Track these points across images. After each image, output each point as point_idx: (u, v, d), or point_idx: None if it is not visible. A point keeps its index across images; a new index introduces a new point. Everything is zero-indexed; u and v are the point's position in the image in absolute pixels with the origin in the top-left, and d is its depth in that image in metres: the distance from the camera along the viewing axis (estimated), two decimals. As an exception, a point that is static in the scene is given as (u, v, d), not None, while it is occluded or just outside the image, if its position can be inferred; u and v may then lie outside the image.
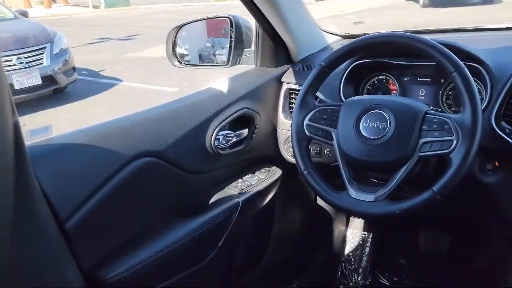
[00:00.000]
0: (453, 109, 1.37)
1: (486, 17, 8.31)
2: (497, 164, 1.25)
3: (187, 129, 1.29)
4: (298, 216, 1.97)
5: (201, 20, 1.69)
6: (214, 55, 1.68)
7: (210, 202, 1.41)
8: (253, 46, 1.64)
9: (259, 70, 1.64)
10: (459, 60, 1.08)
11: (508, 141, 1.16)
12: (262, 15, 1.48)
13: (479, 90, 1.26)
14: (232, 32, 1.56)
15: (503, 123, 1.18)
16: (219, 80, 1.52)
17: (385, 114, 1.14)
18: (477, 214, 1.46)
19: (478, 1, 10.27)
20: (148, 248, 1.16)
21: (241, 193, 1.44)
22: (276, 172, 1.61)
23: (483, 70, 1.26)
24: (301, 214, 1.99)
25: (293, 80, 1.57)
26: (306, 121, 1.23)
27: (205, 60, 1.71)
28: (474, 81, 1.08)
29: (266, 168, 1.61)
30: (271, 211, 1.75)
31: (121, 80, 7.44)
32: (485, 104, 1.22)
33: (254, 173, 1.57)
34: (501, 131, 1.17)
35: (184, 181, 1.32)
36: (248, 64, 1.65)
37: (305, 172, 1.21)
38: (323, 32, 1.77)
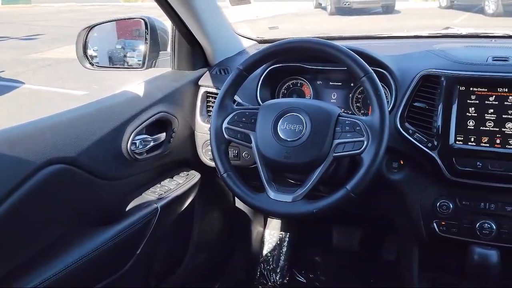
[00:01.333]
0: (362, 111, 1.46)
1: (389, 25, 8.93)
2: (402, 163, 1.34)
3: (102, 134, 1.24)
4: (217, 219, 1.98)
5: (113, 20, 1.63)
6: (126, 57, 1.63)
7: (128, 209, 1.36)
8: (169, 49, 1.62)
9: (175, 73, 1.62)
10: (368, 66, 1.15)
11: (411, 141, 1.25)
12: (178, 18, 1.46)
13: (385, 94, 1.35)
14: (147, 34, 1.52)
15: (406, 124, 1.27)
16: (134, 83, 1.48)
17: (301, 116, 1.17)
18: (385, 210, 1.56)
19: (380, 10, 10.98)
20: (62, 259, 1.09)
21: (159, 199, 1.41)
22: (194, 176, 1.60)
23: (388, 75, 1.35)
24: (220, 217, 1.99)
25: (211, 84, 1.57)
26: (224, 124, 1.24)
27: (116, 62, 1.66)
28: (381, 85, 1.15)
29: (185, 172, 1.59)
30: (190, 216, 1.73)
31: (23, 83, 6.93)
32: (390, 106, 1.31)
33: (172, 178, 1.55)
34: (405, 131, 1.26)
35: (99, 188, 1.26)
36: (164, 67, 1.62)
37: (224, 175, 1.22)
38: (239, 36, 1.79)
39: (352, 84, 1.47)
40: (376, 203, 1.56)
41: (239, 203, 2.03)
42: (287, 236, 2.22)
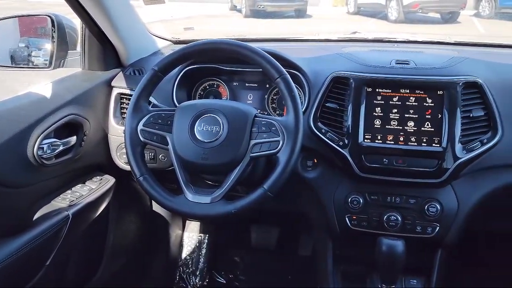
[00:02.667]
0: (277, 112, 1.49)
1: (302, 29, 9.22)
2: (315, 161, 1.39)
3: (5, 138, 1.15)
4: (133, 224, 1.92)
5: (14, 17, 1.53)
6: (30, 56, 1.53)
7: (35, 217, 1.28)
8: (78, 48, 1.54)
9: (86, 73, 1.55)
10: (282, 68, 1.18)
11: (324, 140, 1.30)
12: (88, 16, 1.40)
13: (299, 95, 1.40)
14: (54, 32, 1.44)
15: (319, 123, 1.33)
16: (39, 84, 1.39)
17: (218, 118, 1.18)
18: (301, 207, 1.61)
19: (293, 14, 11.31)
20: None
21: (70, 206, 1.34)
22: (109, 181, 1.54)
23: (301, 77, 1.39)
24: (137, 221, 1.94)
25: (124, 85, 1.52)
26: (140, 127, 1.21)
27: (19, 61, 1.55)
28: (295, 86, 1.19)
29: (98, 177, 1.53)
30: (105, 222, 1.67)
31: None
32: (304, 107, 1.35)
33: (84, 183, 1.48)
34: (318, 131, 1.31)
35: (4, 196, 1.17)
36: (74, 67, 1.54)
37: (140, 179, 1.18)
38: (154, 36, 1.75)
39: (267, 86, 1.50)
40: (292, 201, 1.60)
41: (156, 207, 1.99)
42: (206, 237, 2.22)
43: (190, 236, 2.23)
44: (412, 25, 9.26)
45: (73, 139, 1.37)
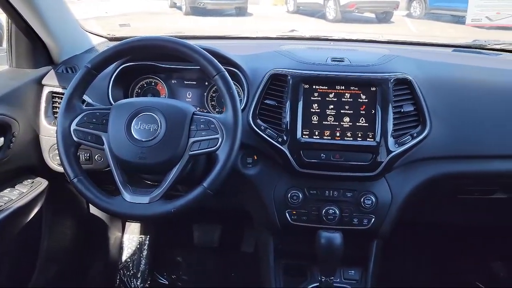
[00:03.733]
0: (217, 109, 1.49)
1: (242, 27, 9.23)
2: (255, 158, 1.40)
3: None
4: (69, 228, 1.84)
5: None
6: None
7: None
8: (4, 45, 1.46)
9: (14, 71, 1.47)
10: (220, 65, 1.17)
11: (263, 137, 1.31)
12: (14, 10, 1.32)
13: (238, 93, 1.40)
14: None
15: (258, 120, 1.34)
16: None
17: (155, 116, 1.16)
18: (242, 203, 1.61)
19: (234, 12, 11.32)
20: None
21: None
22: (41, 184, 1.47)
23: (240, 74, 1.40)
24: (73, 225, 1.86)
25: (56, 83, 1.46)
26: (73, 126, 1.16)
27: None
28: (233, 84, 1.19)
29: (29, 180, 1.46)
30: (38, 227, 1.59)
31: None
32: (243, 104, 1.36)
33: (14, 187, 1.40)
34: (257, 128, 1.32)
35: None
36: (0, 64, 1.46)
37: (75, 180, 1.14)
38: (88, 33, 1.69)
39: (206, 83, 1.49)
40: (233, 198, 1.60)
41: (94, 209, 1.93)
42: (147, 239, 2.17)
43: (130, 238, 2.18)
44: (349, 24, 9.53)
45: (0, 141, 1.29)
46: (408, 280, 1.92)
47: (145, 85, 1.52)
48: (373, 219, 1.35)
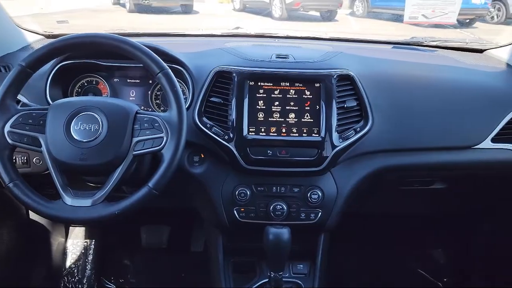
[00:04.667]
0: (162, 108, 1.46)
1: (188, 25, 9.14)
2: (202, 156, 1.39)
3: None
4: (7, 236, 1.75)
5: None
6: None
7: None
8: None
9: None
10: (163, 62, 1.15)
11: (210, 134, 1.30)
12: None
13: (183, 90, 1.38)
14: None
15: (204, 118, 1.32)
16: None
17: (96, 115, 1.12)
18: (190, 202, 1.60)
19: (179, 10, 11.18)
20: None
21: None
22: None
23: (184, 71, 1.38)
24: (12, 233, 1.77)
25: None
26: (7, 128, 1.10)
27: None
28: (178, 81, 1.17)
29: None
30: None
31: None
32: (188, 102, 1.34)
33: None
34: (203, 126, 1.31)
35: None
36: None
37: (10, 185, 1.08)
38: (23, 30, 1.61)
39: (150, 81, 1.46)
40: (181, 197, 1.58)
41: (34, 215, 1.84)
42: (92, 243, 2.10)
43: (75, 243, 2.10)
44: (295, 22, 9.67)
45: None
46: (355, 270, 1.97)
47: (85, 84, 1.47)
48: (320, 213, 1.38)
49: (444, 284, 2.04)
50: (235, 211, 1.37)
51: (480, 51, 1.79)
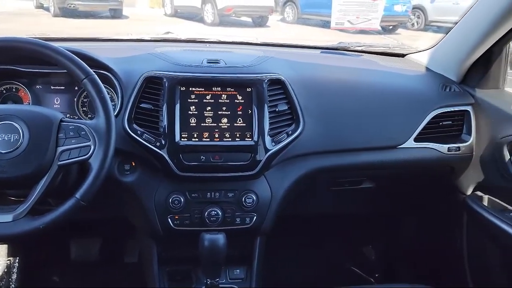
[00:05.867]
0: (89, 116, 1.40)
1: (118, 29, 8.90)
2: (133, 164, 1.35)
3: None
4: None
5: None
6: None
7: None
8: None
9: None
10: (89, 68, 1.11)
11: (141, 142, 1.27)
12: None
13: (111, 97, 1.34)
14: None
15: (135, 125, 1.29)
16: None
17: (16, 125, 1.06)
18: (122, 212, 1.54)
19: (108, 14, 10.87)
20: None
21: None
22: None
23: (112, 77, 1.34)
24: None
25: None
26: None
27: None
28: (106, 87, 1.13)
29: None
30: None
31: None
32: (118, 109, 1.30)
33: None
34: (133, 133, 1.27)
35: None
36: None
37: None
38: None
39: (76, 88, 1.40)
40: (112, 207, 1.53)
41: None
42: (16, 260, 1.97)
43: None
44: (227, 28, 9.73)
45: None
46: (292, 272, 2.00)
47: (4, 91, 1.38)
48: (255, 217, 1.38)
49: (376, 279, 2.12)
50: (169, 219, 1.35)
51: (402, 55, 1.88)
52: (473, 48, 1.48)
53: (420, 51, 1.80)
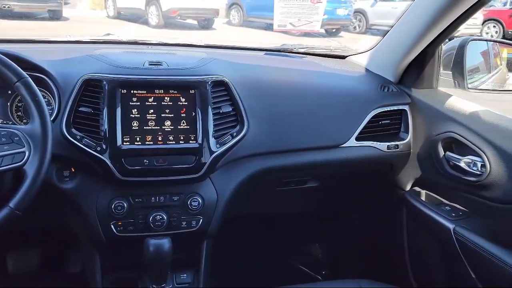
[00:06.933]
0: (25, 121, 1.34)
1: (56, 32, 8.59)
2: (73, 170, 1.30)
3: None
4: None
5: None
6: None
7: None
8: None
9: None
10: (22, 71, 1.06)
11: (80, 147, 1.23)
12: None
13: (48, 101, 1.29)
14: None
15: (73, 130, 1.24)
16: None
17: None
18: (62, 220, 1.49)
19: (47, 16, 10.47)
20: None
21: None
22: None
23: (49, 81, 1.28)
24: None
25: None
26: None
27: None
28: (41, 91, 1.09)
29: None
30: None
31: None
32: (55, 113, 1.25)
33: None
34: (72, 138, 1.23)
35: None
36: None
37: None
38: None
39: (9, 92, 1.33)
40: (51, 216, 1.47)
41: None
42: None
43: None
44: (172, 30, 9.63)
45: None
46: (240, 273, 2.00)
47: None
48: (201, 220, 1.37)
49: (323, 276, 2.16)
50: (112, 226, 1.31)
51: (343, 57, 1.93)
52: (408, 50, 1.53)
53: (360, 53, 1.86)
